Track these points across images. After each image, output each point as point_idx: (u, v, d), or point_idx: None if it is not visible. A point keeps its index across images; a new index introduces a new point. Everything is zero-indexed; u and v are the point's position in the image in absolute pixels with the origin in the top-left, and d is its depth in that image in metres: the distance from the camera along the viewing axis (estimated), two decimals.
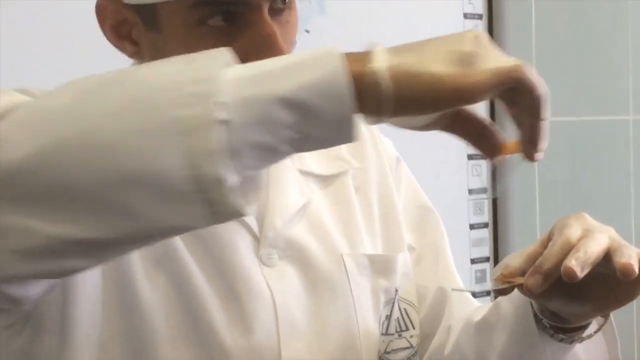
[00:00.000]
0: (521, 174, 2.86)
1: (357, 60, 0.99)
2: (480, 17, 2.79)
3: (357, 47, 1.62)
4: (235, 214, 0.98)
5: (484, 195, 2.81)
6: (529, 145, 1.07)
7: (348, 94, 0.97)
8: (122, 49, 1.32)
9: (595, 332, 1.30)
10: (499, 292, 1.21)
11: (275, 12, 1.27)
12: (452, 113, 1.08)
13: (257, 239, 1.34)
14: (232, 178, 0.97)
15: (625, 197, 3.17)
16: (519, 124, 1.06)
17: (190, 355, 1.29)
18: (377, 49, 1.01)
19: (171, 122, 0.95)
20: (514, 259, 1.21)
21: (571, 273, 1.11)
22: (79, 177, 0.97)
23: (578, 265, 1.11)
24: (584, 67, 3.05)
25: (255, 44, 1.23)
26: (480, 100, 1.00)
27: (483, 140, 1.09)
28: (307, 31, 2.43)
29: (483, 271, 2.80)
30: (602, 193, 3.11)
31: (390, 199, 1.49)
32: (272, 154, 1.01)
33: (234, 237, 1.32)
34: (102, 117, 0.97)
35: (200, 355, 1.29)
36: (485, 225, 2.82)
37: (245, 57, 1.15)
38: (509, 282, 1.18)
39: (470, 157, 2.77)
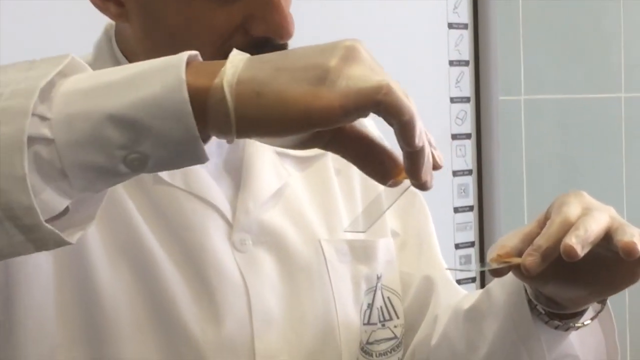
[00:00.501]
0: (508, 154, 2.86)
1: (207, 72, 0.94)
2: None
3: (343, 18, 1.59)
4: (57, 242, 0.94)
5: (468, 177, 2.80)
6: (411, 175, 0.98)
7: (187, 112, 0.91)
8: (105, 10, 1.27)
9: (592, 318, 1.27)
10: (495, 273, 1.16)
11: None
12: (331, 130, 1.00)
13: (229, 224, 1.32)
14: (58, 204, 0.94)
15: (617, 178, 3.18)
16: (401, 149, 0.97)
17: (155, 350, 1.27)
18: (232, 60, 0.95)
19: None
20: (509, 239, 1.17)
21: (571, 251, 1.08)
22: None
23: (578, 243, 1.09)
24: (574, 45, 3.04)
25: (258, 6, 1.20)
26: (335, 125, 0.94)
27: (369, 163, 1.04)
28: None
29: (468, 257, 2.78)
30: (593, 174, 3.11)
31: (372, 181, 1.44)
32: (109, 175, 0.95)
33: (205, 221, 1.30)
34: None
35: (166, 350, 1.27)
36: (470, 208, 2.80)
37: (248, 19, 1.20)
38: (505, 262, 1.14)
39: (454, 136, 2.76)
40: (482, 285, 2.71)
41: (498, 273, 1.16)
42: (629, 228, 1.12)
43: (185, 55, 0.94)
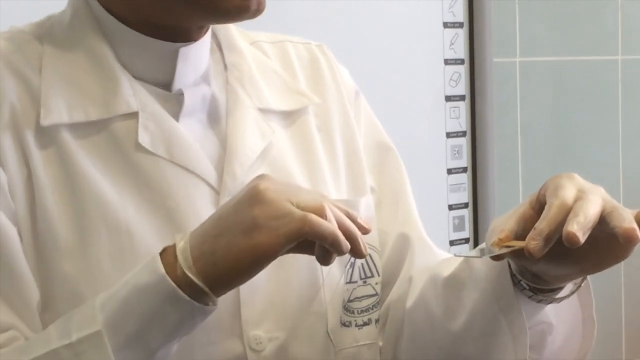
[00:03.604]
0: (502, 116, 2.87)
1: (170, 266, 1.16)
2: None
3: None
4: None
5: (462, 139, 2.81)
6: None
7: (207, 310, 1.18)
8: None
9: (573, 291, 1.30)
10: (497, 258, 1.21)
11: None
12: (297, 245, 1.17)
13: (215, 191, 1.34)
14: None
15: (613, 141, 3.18)
16: None
17: None
18: (178, 250, 1.17)
19: None
20: (505, 222, 1.21)
21: (574, 238, 1.12)
22: None
23: (580, 229, 1.12)
24: (569, 7, 3.04)
25: None
26: (277, 257, 1.15)
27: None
28: None
29: (461, 218, 2.79)
30: (588, 137, 3.12)
31: (352, 137, 1.49)
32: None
33: (190, 190, 1.32)
34: None
35: None
36: (464, 169, 2.82)
37: None
38: (507, 247, 1.19)
39: (448, 98, 2.77)
40: (476, 245, 2.76)
41: (499, 258, 1.21)
42: (623, 212, 1.15)
43: (164, 276, 1.15)
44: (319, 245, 1.15)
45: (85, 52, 1.33)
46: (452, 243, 2.72)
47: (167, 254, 1.17)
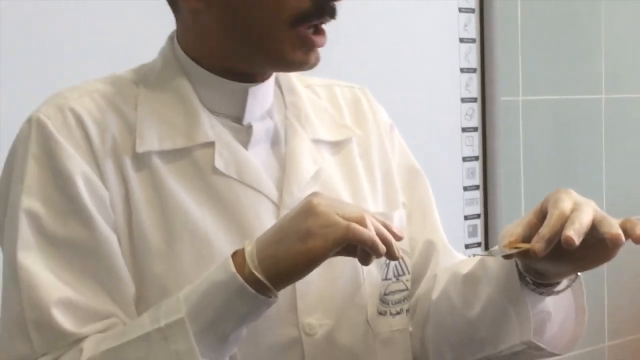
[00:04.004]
0: (507, 144, 2.85)
1: (241, 265, 1.17)
2: (472, 10, 2.77)
3: (364, 43, 1.59)
4: None
5: (475, 162, 2.80)
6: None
7: (269, 302, 1.18)
8: (187, 2, 1.30)
9: (568, 286, 1.31)
10: (508, 257, 1.23)
11: None
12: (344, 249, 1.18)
13: (276, 205, 1.33)
14: None
15: (598, 163, 3.16)
16: None
17: None
18: (247, 253, 1.18)
19: None
20: (515, 228, 1.23)
21: (570, 241, 1.13)
22: None
23: (576, 234, 1.14)
24: (563, 55, 3.03)
25: None
26: (329, 257, 1.16)
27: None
28: None
29: (474, 226, 2.78)
30: (577, 160, 3.10)
31: (387, 162, 1.48)
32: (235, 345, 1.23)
33: (256, 205, 1.32)
34: None
35: None
36: (477, 187, 2.80)
37: None
38: (516, 248, 1.20)
39: (464, 129, 2.76)
40: (486, 249, 2.74)
41: (510, 257, 1.23)
42: (610, 220, 1.17)
43: (234, 271, 1.17)
44: (360, 248, 1.16)
45: (172, 92, 1.34)
46: (467, 246, 2.72)
47: (237, 256, 1.18)
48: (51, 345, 1.21)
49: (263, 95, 1.37)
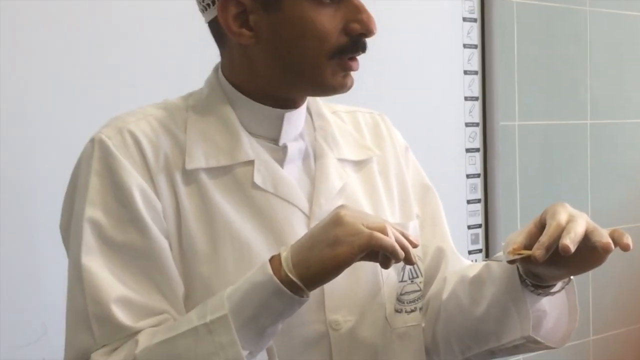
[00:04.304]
0: (505, 163, 2.84)
1: (277, 269, 1.16)
2: (475, 46, 2.76)
3: (381, 68, 1.54)
4: None
5: (477, 179, 2.78)
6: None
7: (301, 301, 1.17)
8: (239, 36, 1.29)
9: (562, 288, 1.31)
10: (511, 262, 1.23)
11: None
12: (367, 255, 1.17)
13: (307, 216, 1.33)
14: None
15: (584, 181, 3.14)
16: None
17: None
18: (282, 257, 1.17)
19: None
20: (517, 237, 1.23)
21: (567, 248, 1.14)
22: None
23: (571, 243, 1.14)
24: (553, 86, 3.02)
25: (352, 12, 1.28)
26: (355, 262, 1.16)
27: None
28: None
29: (477, 235, 2.76)
30: (566, 178, 3.08)
31: (403, 179, 1.48)
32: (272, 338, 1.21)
33: (289, 216, 1.31)
34: None
35: None
36: (479, 200, 2.78)
37: (346, 24, 1.27)
38: (519, 254, 1.20)
39: (467, 150, 2.74)
40: (487, 254, 2.74)
41: (513, 262, 1.23)
42: (601, 230, 1.17)
43: (271, 274, 1.16)
44: (382, 254, 1.15)
45: (216, 116, 1.33)
46: (470, 252, 2.71)
47: (274, 261, 1.17)
48: (110, 337, 1.20)
49: (297, 120, 1.37)
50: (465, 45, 2.72)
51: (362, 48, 1.30)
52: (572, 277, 1.30)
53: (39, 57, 1.90)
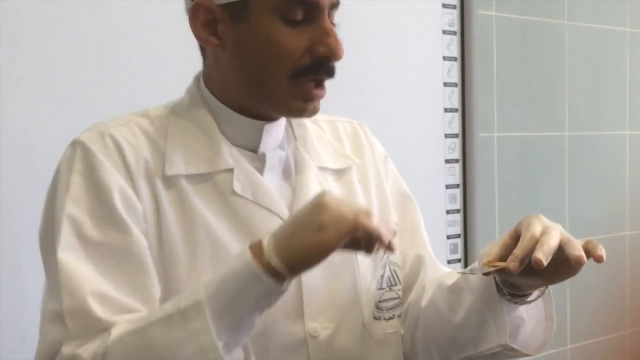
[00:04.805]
0: (484, 174, 2.84)
1: (259, 255, 1.13)
2: (455, 59, 2.76)
3: (362, 78, 1.52)
4: None
5: (456, 189, 2.78)
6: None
7: (280, 290, 1.15)
8: (207, 42, 1.30)
9: (538, 297, 1.31)
10: (486, 274, 1.23)
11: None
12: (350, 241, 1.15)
13: None
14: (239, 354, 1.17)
15: (562, 192, 3.14)
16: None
17: None
18: (264, 243, 1.14)
19: None
20: (492, 248, 1.22)
21: (539, 262, 1.14)
22: None
23: (544, 256, 1.14)
24: (531, 98, 3.02)
25: (319, 35, 1.27)
26: (340, 248, 1.13)
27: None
28: None
29: (455, 244, 2.76)
30: (543, 188, 3.09)
31: (382, 187, 1.48)
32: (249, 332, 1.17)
33: (270, 223, 1.28)
34: None
35: None
36: (458, 211, 2.78)
37: (311, 45, 1.26)
38: (494, 266, 1.20)
39: (447, 161, 2.74)
40: (466, 264, 2.74)
41: (489, 274, 1.23)
42: (575, 242, 1.17)
43: (249, 260, 1.13)
44: (365, 239, 1.13)
45: (196, 124, 1.33)
46: (449, 262, 2.70)
47: (255, 247, 1.15)
48: (84, 331, 1.17)
49: (276, 131, 1.37)
50: (445, 58, 2.72)
51: (327, 72, 1.29)
52: (549, 286, 1.31)
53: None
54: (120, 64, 2.01)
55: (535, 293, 1.30)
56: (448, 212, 2.75)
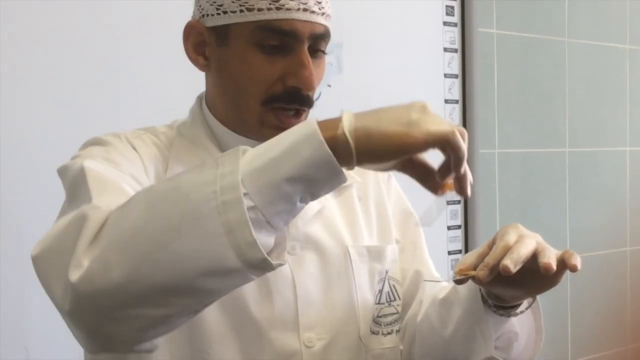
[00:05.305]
0: (485, 190, 2.84)
1: (330, 126, 1.02)
2: (456, 76, 2.76)
3: (365, 94, 1.52)
4: (277, 267, 1.04)
5: (458, 205, 2.79)
6: (458, 189, 1.09)
7: (332, 160, 1.00)
8: (196, 62, 1.34)
9: (526, 309, 1.30)
10: (458, 282, 1.21)
11: (311, 55, 1.29)
12: (407, 158, 1.08)
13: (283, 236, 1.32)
14: (269, 241, 1.03)
15: (562, 210, 3.15)
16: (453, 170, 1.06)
17: (225, 323, 1.29)
18: (344, 116, 1.03)
19: (217, 227, 0.99)
20: (468, 258, 1.21)
21: (505, 269, 1.11)
22: (165, 279, 1.00)
23: (512, 263, 1.11)
24: (532, 115, 3.03)
25: (293, 66, 1.27)
26: (420, 152, 1.03)
27: (427, 180, 1.11)
28: (329, 85, 2.41)
29: (457, 260, 2.76)
30: (545, 204, 3.09)
31: (383, 204, 1.49)
32: (292, 213, 1.04)
33: None
34: (168, 232, 1.00)
35: (233, 323, 1.29)
36: (459, 227, 2.79)
37: (283, 75, 1.26)
38: (465, 275, 1.19)
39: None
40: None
41: (460, 282, 1.20)
42: (548, 251, 1.15)
43: (314, 123, 1.02)
44: (442, 165, 1.07)
45: (196, 140, 1.36)
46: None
47: (327, 121, 1.03)
48: (114, 200, 1.10)
49: None
50: (446, 75, 2.73)
51: (300, 102, 1.29)
52: (536, 297, 1.31)
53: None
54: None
55: (524, 304, 1.30)
56: (449, 227, 2.75)
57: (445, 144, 1.01)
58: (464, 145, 1.03)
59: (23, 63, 1.90)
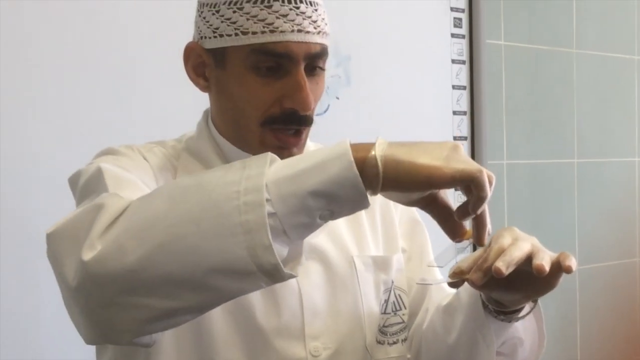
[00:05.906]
0: (494, 201, 2.83)
1: (362, 149, 1.03)
2: (464, 88, 2.77)
3: (374, 107, 1.52)
4: (288, 278, 1.04)
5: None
6: (476, 231, 1.12)
7: (359, 182, 1.01)
8: (196, 83, 1.35)
9: (527, 313, 1.29)
10: (452, 285, 1.21)
11: (309, 73, 1.29)
12: (430, 197, 1.10)
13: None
14: (283, 251, 1.03)
15: (571, 221, 3.14)
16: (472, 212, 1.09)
17: (232, 331, 1.29)
18: (378, 141, 1.04)
19: (236, 226, 1.00)
20: (464, 262, 1.20)
21: (497, 270, 1.10)
22: (177, 270, 1.01)
23: (504, 265, 1.10)
24: (540, 126, 3.03)
25: (290, 88, 1.27)
26: (446, 187, 1.04)
27: (448, 224, 1.13)
28: (338, 98, 2.41)
29: None
30: (553, 218, 3.08)
31: (389, 214, 1.48)
32: (310, 228, 1.05)
33: None
34: (187, 224, 1.01)
35: (240, 332, 1.29)
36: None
37: (280, 97, 1.27)
38: (459, 277, 1.18)
39: (456, 188, 2.72)
40: None
41: (454, 285, 1.20)
42: (543, 253, 1.13)
43: (347, 144, 1.03)
44: (460, 207, 1.10)
45: (202, 154, 1.37)
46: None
47: (360, 144, 1.05)
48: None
49: None
50: (454, 87, 2.74)
51: (298, 122, 1.29)
52: (538, 301, 1.30)
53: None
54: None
55: (526, 309, 1.29)
56: None
57: (472, 182, 1.04)
58: (488, 187, 1.05)
59: (24, 63, 1.91)
